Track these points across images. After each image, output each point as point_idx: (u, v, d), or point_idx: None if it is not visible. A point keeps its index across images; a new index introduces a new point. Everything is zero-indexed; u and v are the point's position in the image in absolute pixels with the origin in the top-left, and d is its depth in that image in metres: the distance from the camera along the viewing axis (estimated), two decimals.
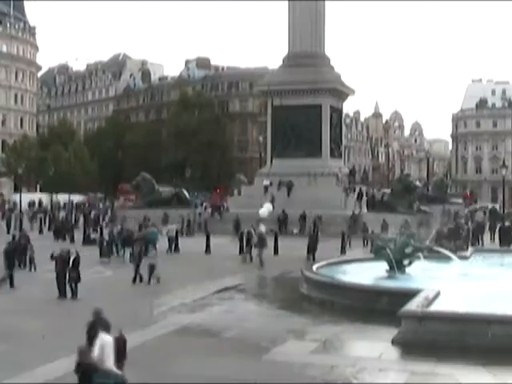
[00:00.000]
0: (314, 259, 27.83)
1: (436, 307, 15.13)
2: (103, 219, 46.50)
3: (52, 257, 21.00)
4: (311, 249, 29.38)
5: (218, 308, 18.92)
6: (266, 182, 45.15)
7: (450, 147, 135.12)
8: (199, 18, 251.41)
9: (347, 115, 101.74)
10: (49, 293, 20.03)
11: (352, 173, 49.41)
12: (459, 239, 29.60)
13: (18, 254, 24.80)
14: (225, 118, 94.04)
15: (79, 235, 37.03)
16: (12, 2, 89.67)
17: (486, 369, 12.63)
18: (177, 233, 33.73)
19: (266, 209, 40.16)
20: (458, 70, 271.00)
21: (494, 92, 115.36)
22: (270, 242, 30.81)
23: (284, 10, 48.69)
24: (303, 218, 39.51)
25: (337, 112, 49.34)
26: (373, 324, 15.67)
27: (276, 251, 31.62)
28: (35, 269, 25.38)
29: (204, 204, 50.04)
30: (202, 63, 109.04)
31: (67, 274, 19.99)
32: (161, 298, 19.30)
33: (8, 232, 39.30)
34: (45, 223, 46.21)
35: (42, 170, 75.06)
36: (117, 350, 10.45)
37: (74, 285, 19.97)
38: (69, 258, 20.19)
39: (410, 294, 15.72)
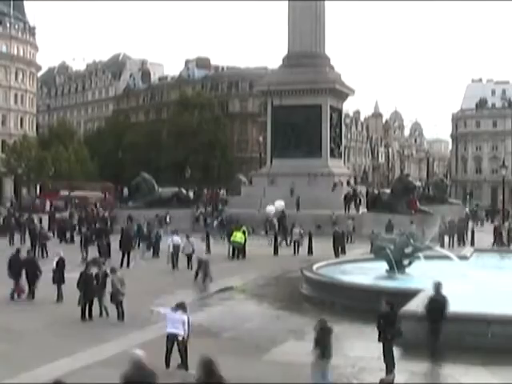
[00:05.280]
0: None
1: None
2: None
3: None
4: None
5: (218, 308, 18.92)
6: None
7: (450, 147, 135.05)
8: (199, 18, 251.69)
9: (347, 115, 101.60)
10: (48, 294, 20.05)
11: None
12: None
13: None
14: (225, 118, 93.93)
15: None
16: (12, 2, 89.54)
17: (486, 368, 12.65)
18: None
19: (275, 207, 40.09)
20: (458, 70, 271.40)
21: (493, 92, 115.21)
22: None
23: (284, 10, 48.73)
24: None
25: (337, 112, 49.28)
26: (373, 324, 15.64)
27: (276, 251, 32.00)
28: None
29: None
30: (202, 63, 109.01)
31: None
32: (161, 298, 19.27)
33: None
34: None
35: (42, 170, 75.06)
36: None
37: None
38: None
39: (410, 294, 15.72)
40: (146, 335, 15.41)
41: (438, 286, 13.61)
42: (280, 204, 40.40)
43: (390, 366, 12.27)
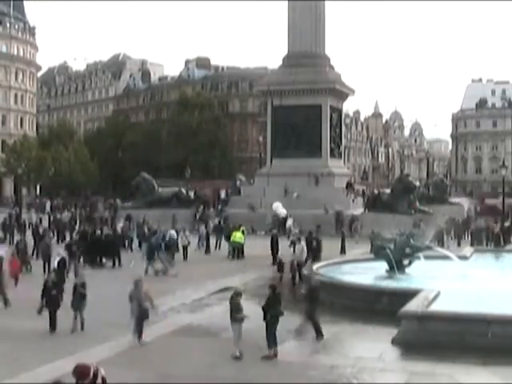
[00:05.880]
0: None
1: (436, 307, 15.13)
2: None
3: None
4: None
5: (218, 308, 18.90)
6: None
7: (450, 147, 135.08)
8: (199, 18, 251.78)
9: (347, 115, 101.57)
10: None
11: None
12: None
13: None
14: (225, 118, 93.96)
15: None
16: (12, 2, 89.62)
17: (486, 368, 12.63)
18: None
19: (281, 209, 40.32)
20: (458, 70, 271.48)
21: (493, 92, 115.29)
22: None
23: (284, 10, 48.70)
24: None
25: (337, 112, 49.24)
26: (373, 324, 15.67)
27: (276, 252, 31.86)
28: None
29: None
30: (202, 63, 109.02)
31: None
32: (161, 298, 19.25)
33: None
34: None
35: (42, 170, 75.07)
36: None
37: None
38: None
39: (410, 294, 15.72)
40: (145, 335, 15.38)
41: None
42: (283, 212, 40.47)
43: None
